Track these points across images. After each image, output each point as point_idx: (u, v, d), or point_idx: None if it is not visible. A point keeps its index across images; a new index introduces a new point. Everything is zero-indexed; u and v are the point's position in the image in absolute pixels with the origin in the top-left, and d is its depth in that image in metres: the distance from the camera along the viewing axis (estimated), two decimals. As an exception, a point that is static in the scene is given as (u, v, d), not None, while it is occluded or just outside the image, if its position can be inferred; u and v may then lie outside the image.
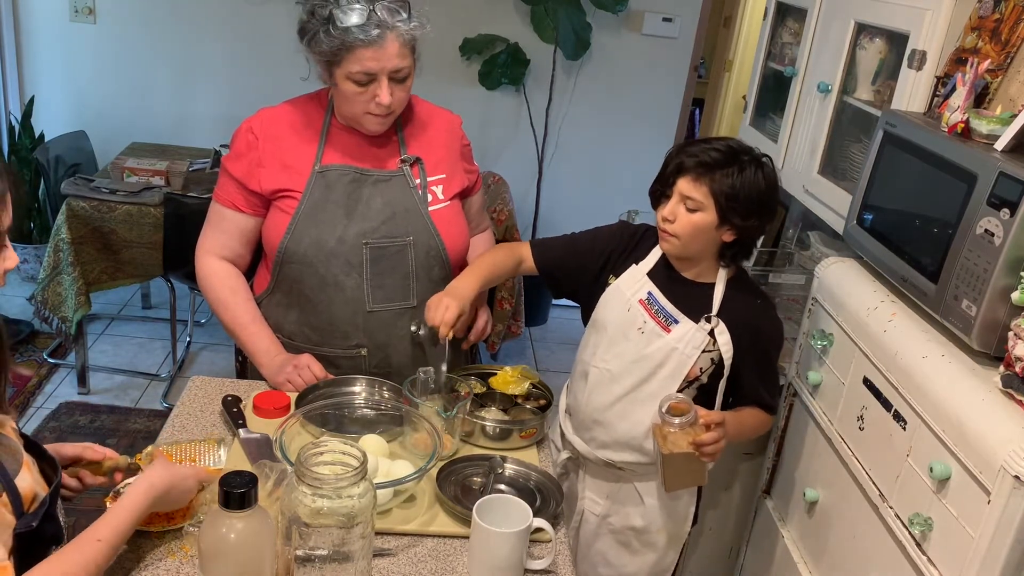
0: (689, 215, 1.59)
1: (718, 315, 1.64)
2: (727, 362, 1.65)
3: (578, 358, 1.81)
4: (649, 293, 1.68)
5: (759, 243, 2.51)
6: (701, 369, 1.66)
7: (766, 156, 1.63)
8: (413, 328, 1.77)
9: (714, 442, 1.55)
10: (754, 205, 1.58)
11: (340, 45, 1.60)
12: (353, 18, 1.58)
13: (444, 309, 1.61)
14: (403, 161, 1.79)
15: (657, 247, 1.71)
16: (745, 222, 1.59)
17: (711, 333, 1.64)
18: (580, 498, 1.85)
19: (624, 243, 1.76)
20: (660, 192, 1.66)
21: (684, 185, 1.59)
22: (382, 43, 1.60)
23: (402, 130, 1.81)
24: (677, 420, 1.56)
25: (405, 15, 1.62)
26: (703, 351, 1.64)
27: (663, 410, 1.58)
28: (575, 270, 1.78)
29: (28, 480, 1.13)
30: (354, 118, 1.72)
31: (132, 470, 1.37)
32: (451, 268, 1.84)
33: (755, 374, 1.69)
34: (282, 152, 1.75)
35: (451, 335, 1.61)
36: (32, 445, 1.21)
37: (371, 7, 1.59)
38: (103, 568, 1.14)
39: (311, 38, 1.64)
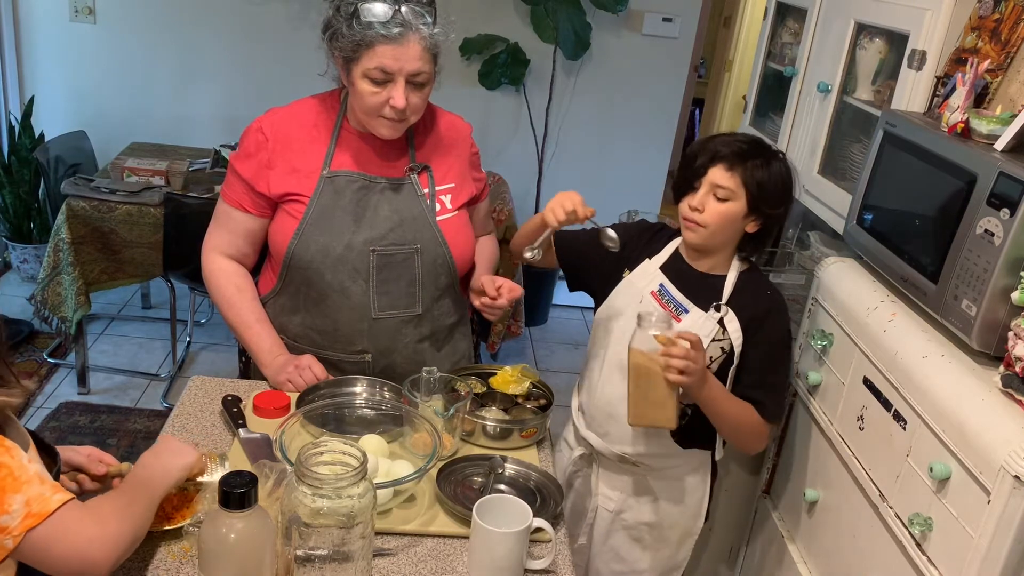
0: (718, 204, 1.61)
1: (729, 304, 1.65)
2: (736, 350, 1.65)
3: (589, 352, 1.82)
4: (661, 285, 1.70)
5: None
6: (711, 358, 1.66)
7: (780, 151, 1.69)
8: (528, 255, 1.65)
9: (683, 356, 1.49)
10: (780, 195, 1.63)
11: (361, 40, 1.59)
12: (378, 14, 1.58)
13: (568, 200, 1.59)
14: (411, 169, 1.78)
15: (672, 243, 1.73)
16: (774, 211, 1.64)
17: (720, 322, 1.64)
18: (594, 494, 1.85)
19: (641, 238, 1.77)
20: (687, 183, 1.66)
21: (716, 174, 1.61)
22: (403, 42, 1.59)
23: (413, 137, 1.81)
24: (654, 317, 1.51)
25: (430, 19, 1.62)
26: (713, 340, 1.65)
27: (642, 317, 1.53)
28: (595, 262, 1.77)
29: (37, 462, 1.14)
30: (367, 121, 1.70)
31: None
32: (457, 277, 1.84)
33: (756, 370, 1.67)
34: (291, 154, 1.74)
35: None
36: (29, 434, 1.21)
37: (397, 6, 1.59)
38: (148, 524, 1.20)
39: (333, 34, 1.64)
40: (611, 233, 1.64)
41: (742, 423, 1.67)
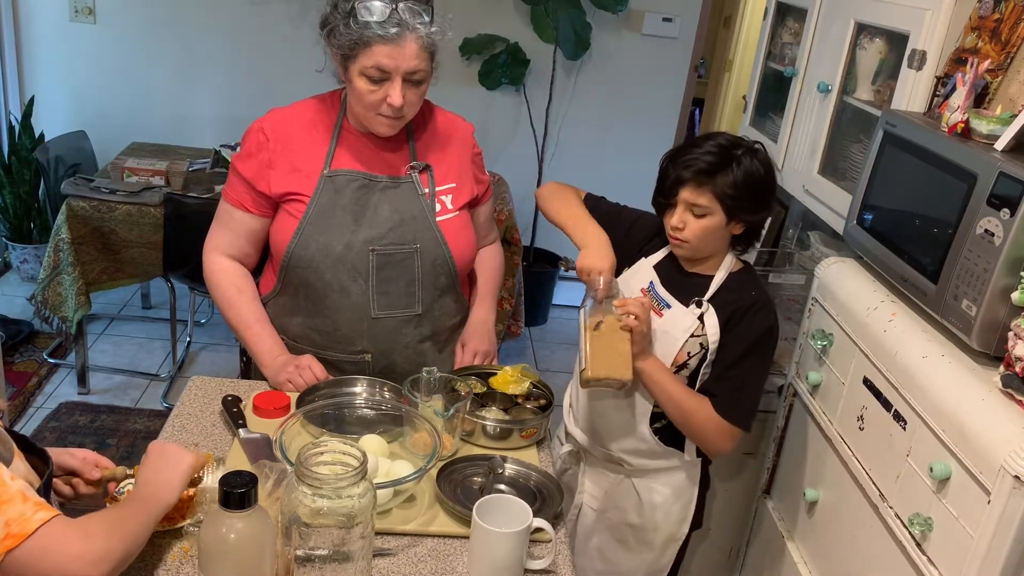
0: (698, 220, 1.61)
1: (713, 302, 1.65)
2: (712, 347, 1.64)
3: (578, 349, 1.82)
4: (651, 282, 1.71)
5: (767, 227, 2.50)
6: (689, 354, 1.66)
7: (757, 143, 1.64)
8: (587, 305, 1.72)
9: (637, 306, 1.56)
10: (758, 195, 1.60)
11: (358, 39, 1.59)
12: (374, 14, 1.58)
13: (598, 276, 1.64)
14: (412, 168, 1.78)
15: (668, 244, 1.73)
16: (755, 216, 1.63)
17: (700, 318, 1.64)
18: (579, 492, 1.86)
19: (656, 234, 1.76)
20: (663, 203, 1.67)
21: (687, 194, 1.61)
22: (400, 42, 1.59)
23: (414, 136, 1.81)
24: (600, 283, 1.59)
25: (427, 18, 1.62)
26: (692, 335, 1.64)
27: (589, 288, 1.61)
28: (612, 239, 1.76)
29: (22, 470, 1.13)
30: (365, 118, 1.70)
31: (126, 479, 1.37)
32: (458, 277, 1.84)
33: (723, 364, 1.64)
34: (292, 154, 1.74)
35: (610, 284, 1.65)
36: (17, 438, 1.20)
37: (393, 5, 1.59)
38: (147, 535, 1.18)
39: (330, 31, 1.64)
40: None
41: (691, 410, 1.63)
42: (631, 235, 1.79)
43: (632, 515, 1.81)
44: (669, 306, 1.67)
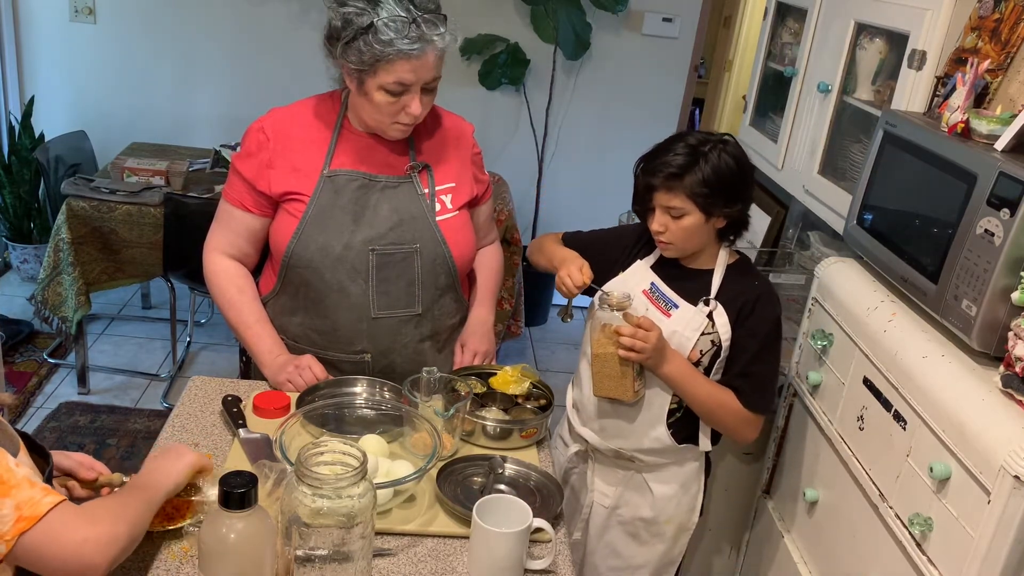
0: (677, 222, 1.63)
1: (717, 298, 1.66)
2: (725, 343, 1.66)
3: (582, 349, 1.83)
4: (652, 283, 1.73)
5: (757, 223, 2.51)
6: (701, 352, 1.67)
7: (727, 135, 1.66)
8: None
9: (631, 335, 1.58)
10: (731, 188, 1.61)
11: (380, 56, 1.58)
12: (397, 31, 1.56)
13: (568, 279, 1.68)
14: (411, 167, 1.78)
15: None
16: (731, 208, 1.63)
17: (709, 316, 1.66)
18: (589, 491, 1.86)
19: (638, 239, 1.79)
20: (642, 209, 1.70)
21: (661, 198, 1.64)
22: (422, 56, 1.60)
23: (414, 136, 1.80)
24: (611, 297, 1.62)
25: (442, 28, 1.62)
26: (702, 333, 1.66)
27: (601, 297, 1.64)
28: (596, 258, 1.78)
29: (26, 464, 1.14)
30: (379, 126, 1.70)
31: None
32: (457, 277, 1.84)
33: (741, 359, 1.67)
34: (292, 154, 1.74)
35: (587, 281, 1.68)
36: (20, 435, 1.21)
37: (413, 20, 1.58)
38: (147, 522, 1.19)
39: (345, 46, 1.61)
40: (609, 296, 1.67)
41: (717, 407, 1.68)
42: (619, 242, 1.82)
43: (644, 509, 1.82)
44: (676, 306, 1.68)
